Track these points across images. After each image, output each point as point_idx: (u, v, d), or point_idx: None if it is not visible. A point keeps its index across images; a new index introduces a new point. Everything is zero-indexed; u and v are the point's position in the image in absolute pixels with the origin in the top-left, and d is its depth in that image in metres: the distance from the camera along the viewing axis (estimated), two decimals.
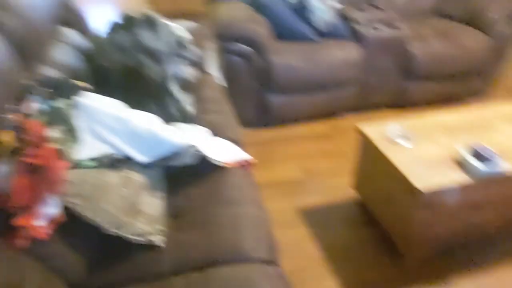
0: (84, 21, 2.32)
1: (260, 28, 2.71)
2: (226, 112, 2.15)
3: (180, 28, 2.09)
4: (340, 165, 2.65)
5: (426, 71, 3.10)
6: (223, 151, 1.75)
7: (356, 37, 2.97)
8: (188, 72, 2.04)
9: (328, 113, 3.11)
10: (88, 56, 1.96)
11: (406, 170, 1.79)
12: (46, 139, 1.28)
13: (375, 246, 2.10)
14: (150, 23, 1.95)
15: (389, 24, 3.01)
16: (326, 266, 1.99)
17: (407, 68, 3.07)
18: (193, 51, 2.13)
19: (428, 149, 1.93)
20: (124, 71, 1.85)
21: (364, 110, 3.22)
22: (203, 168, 1.66)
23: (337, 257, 2.04)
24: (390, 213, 2.02)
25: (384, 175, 1.98)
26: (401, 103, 3.25)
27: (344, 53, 2.88)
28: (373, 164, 2.09)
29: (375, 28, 2.96)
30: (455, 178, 1.76)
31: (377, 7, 3.20)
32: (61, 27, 2.09)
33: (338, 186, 2.47)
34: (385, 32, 2.94)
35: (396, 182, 1.86)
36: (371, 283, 1.91)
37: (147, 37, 1.90)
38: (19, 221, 1.12)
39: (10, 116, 1.28)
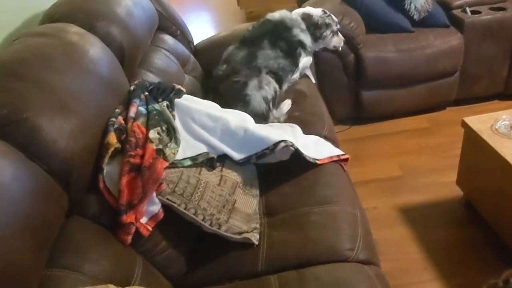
0: (182, 28, 2.44)
1: (352, 21, 2.64)
2: (318, 109, 2.13)
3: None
4: (442, 161, 2.48)
5: None
6: (316, 148, 1.73)
7: (455, 23, 2.76)
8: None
9: (427, 106, 2.92)
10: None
11: None
12: (147, 140, 1.36)
13: (482, 247, 1.94)
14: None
15: (493, 6, 2.76)
16: (427, 269, 1.87)
17: None
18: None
19: None
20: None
21: (467, 103, 2.98)
22: (296, 166, 1.64)
23: (439, 259, 1.91)
24: (501, 212, 1.84)
25: (494, 172, 1.81)
26: (508, 93, 2.95)
27: (442, 42, 2.69)
28: (481, 160, 1.92)
29: (476, 12, 2.72)
30: None
31: None
32: (159, 34, 2.22)
33: (440, 183, 2.31)
34: (489, 15, 2.69)
35: (509, 179, 1.69)
36: None
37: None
38: (127, 218, 1.21)
39: (116, 119, 1.38)
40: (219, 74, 2.06)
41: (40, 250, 0.97)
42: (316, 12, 2.23)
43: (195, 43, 2.60)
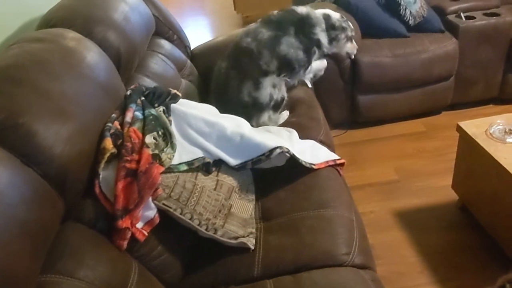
0: (179, 33, 2.45)
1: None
2: (315, 113, 2.14)
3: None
4: (437, 165, 2.50)
5: None
6: (311, 152, 1.74)
7: (450, 28, 2.78)
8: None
9: (423, 111, 2.94)
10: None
11: None
12: (143, 145, 1.37)
13: (478, 251, 1.94)
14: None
15: (487, 12, 2.78)
16: (423, 272, 1.88)
17: (510, 58, 2.79)
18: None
19: None
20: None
21: (462, 107, 3.00)
22: (292, 170, 1.65)
23: (435, 262, 1.92)
24: (497, 216, 1.85)
25: (489, 176, 1.82)
26: (503, 97, 2.97)
27: (437, 47, 2.71)
28: (476, 164, 1.93)
29: (471, 17, 2.74)
30: None
31: None
32: (156, 39, 2.23)
33: (436, 187, 2.32)
34: (483, 20, 2.71)
35: (503, 183, 1.70)
36: None
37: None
38: (123, 223, 1.21)
39: (112, 124, 1.38)
40: (242, 45, 2.08)
41: (36, 256, 0.97)
42: (335, 14, 2.27)
43: (192, 48, 2.60)
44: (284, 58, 2.06)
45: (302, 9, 2.19)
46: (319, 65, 2.32)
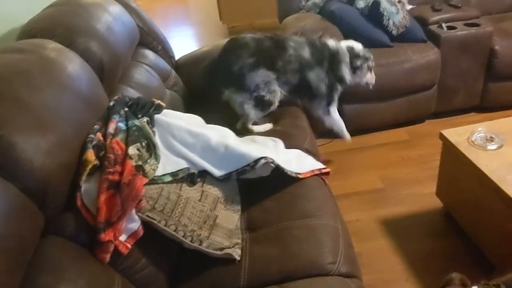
0: (164, 43, 2.44)
1: (333, 37, 2.67)
2: (300, 122, 2.14)
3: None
4: (422, 173, 2.52)
5: (511, 69, 2.85)
6: (296, 162, 1.74)
7: (432, 38, 2.82)
8: None
9: (407, 119, 2.97)
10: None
11: (497, 178, 1.65)
12: (126, 157, 1.35)
13: (463, 257, 1.96)
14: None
15: (468, 22, 2.83)
16: (409, 280, 1.88)
17: (490, 67, 2.85)
18: None
19: None
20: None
21: (445, 115, 3.03)
22: (277, 180, 1.65)
23: (421, 269, 1.92)
24: (479, 223, 1.87)
25: (472, 183, 1.84)
26: (484, 105, 3.02)
27: (419, 56, 2.74)
28: (459, 171, 1.95)
29: (452, 28, 2.79)
30: None
31: (454, 6, 3.02)
32: (140, 49, 2.22)
33: (420, 194, 2.34)
34: (463, 30, 2.77)
35: (485, 190, 1.72)
36: None
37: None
38: (105, 236, 1.19)
39: (95, 136, 1.36)
40: (284, 42, 2.14)
41: (14, 271, 0.95)
42: (357, 45, 2.36)
43: (177, 58, 2.60)
44: (305, 83, 2.17)
45: (332, 44, 2.27)
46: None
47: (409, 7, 3.02)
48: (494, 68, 2.83)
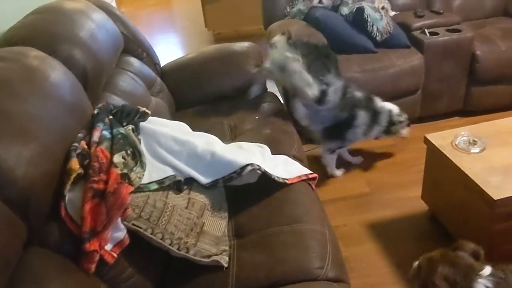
0: (148, 50, 2.43)
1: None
2: (287, 128, 2.15)
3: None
4: (407, 176, 2.54)
5: (492, 74, 2.89)
6: (284, 168, 1.74)
7: (415, 44, 2.86)
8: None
9: None
10: None
11: (480, 180, 1.68)
12: (111, 165, 1.34)
13: None
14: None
15: (450, 28, 2.88)
16: (397, 283, 1.89)
17: (472, 72, 2.90)
18: None
19: (502, 156, 1.80)
20: None
21: (430, 119, 3.06)
22: (265, 186, 1.65)
23: (408, 272, 1.92)
24: (464, 225, 1.89)
25: (456, 186, 1.87)
26: (467, 109, 3.06)
27: (403, 62, 2.77)
28: (443, 175, 1.97)
29: (434, 33, 2.84)
30: None
31: (436, 12, 3.07)
32: (125, 57, 2.21)
33: (406, 198, 2.36)
34: (446, 36, 2.81)
35: (469, 192, 1.74)
36: None
37: None
38: (90, 245, 1.17)
39: (79, 144, 1.35)
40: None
41: None
42: (395, 109, 2.54)
43: (162, 65, 2.59)
44: (347, 115, 2.36)
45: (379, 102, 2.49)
46: None
47: (392, 13, 3.06)
48: (476, 72, 2.88)
